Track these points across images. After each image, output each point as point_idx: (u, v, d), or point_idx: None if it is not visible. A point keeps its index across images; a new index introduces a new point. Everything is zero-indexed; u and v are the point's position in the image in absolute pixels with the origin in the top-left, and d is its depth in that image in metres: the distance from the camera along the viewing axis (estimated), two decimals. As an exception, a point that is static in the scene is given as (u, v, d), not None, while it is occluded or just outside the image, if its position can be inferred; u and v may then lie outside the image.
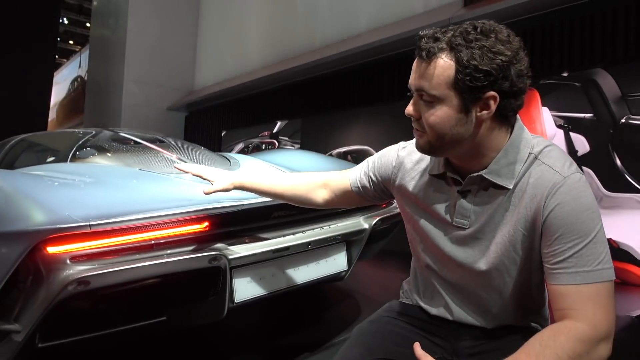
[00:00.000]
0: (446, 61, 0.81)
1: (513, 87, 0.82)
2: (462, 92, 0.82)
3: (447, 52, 0.82)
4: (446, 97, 0.83)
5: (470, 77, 0.80)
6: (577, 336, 0.76)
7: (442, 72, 0.82)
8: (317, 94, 5.66)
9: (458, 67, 0.80)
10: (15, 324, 1.31)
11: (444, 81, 0.82)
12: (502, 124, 0.89)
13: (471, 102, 0.83)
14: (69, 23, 17.30)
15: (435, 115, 0.85)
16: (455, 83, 0.81)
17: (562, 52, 3.31)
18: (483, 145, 0.89)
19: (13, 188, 1.43)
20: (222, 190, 1.28)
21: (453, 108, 0.84)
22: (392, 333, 1.05)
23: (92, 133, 2.62)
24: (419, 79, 0.85)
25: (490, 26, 0.83)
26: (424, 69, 0.84)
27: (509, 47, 0.81)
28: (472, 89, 0.81)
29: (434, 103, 0.85)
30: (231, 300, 1.51)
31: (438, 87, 0.83)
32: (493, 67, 0.80)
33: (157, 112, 8.38)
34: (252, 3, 7.29)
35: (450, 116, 0.84)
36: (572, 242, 0.82)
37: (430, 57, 0.83)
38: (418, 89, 0.86)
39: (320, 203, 1.25)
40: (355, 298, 2.57)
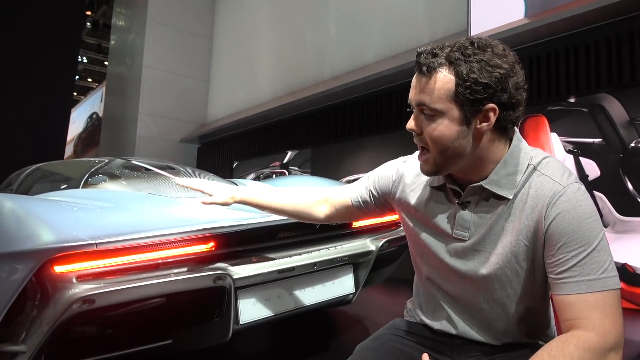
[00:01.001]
0: (446, 75, 0.84)
1: (511, 99, 0.84)
2: (463, 105, 0.84)
3: (446, 66, 0.84)
4: (447, 110, 0.85)
5: (470, 90, 0.82)
6: (586, 345, 0.75)
7: (443, 86, 0.84)
8: (326, 124, 5.73)
9: (458, 80, 0.83)
10: (21, 345, 1.31)
11: (444, 95, 0.84)
12: (501, 135, 0.90)
13: (472, 114, 0.85)
14: (87, 61, 17.87)
15: (437, 129, 0.86)
16: (456, 96, 0.83)
17: (568, 78, 3.33)
18: (483, 157, 0.90)
19: (24, 210, 1.46)
20: (221, 203, 1.29)
21: (454, 121, 0.85)
22: (395, 349, 1.04)
23: (104, 161, 2.67)
24: (420, 93, 0.87)
25: (486, 41, 0.85)
26: (424, 84, 0.86)
27: (505, 61, 0.84)
28: (472, 101, 0.83)
29: (435, 117, 0.86)
30: (236, 321, 1.50)
31: (439, 100, 0.85)
32: (492, 80, 0.82)
33: (170, 144, 8.54)
34: (263, 37, 7.50)
35: (452, 129, 0.86)
36: (575, 251, 0.82)
37: (430, 72, 0.85)
38: (419, 104, 0.88)
39: (321, 218, 1.25)
40: (364, 324, 2.52)
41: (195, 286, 1.37)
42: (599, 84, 3.14)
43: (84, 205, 1.64)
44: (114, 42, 10.42)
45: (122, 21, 9.99)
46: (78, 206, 1.61)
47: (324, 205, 1.25)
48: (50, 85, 7.45)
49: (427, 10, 4.69)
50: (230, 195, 1.30)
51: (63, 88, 7.85)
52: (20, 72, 7.02)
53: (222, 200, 1.29)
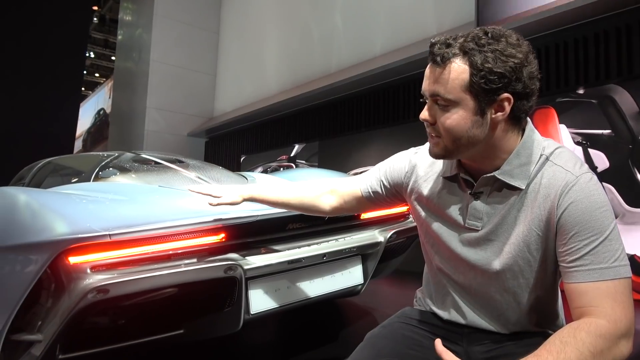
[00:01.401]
0: (460, 65, 0.84)
1: (525, 89, 0.85)
2: (477, 95, 0.84)
3: (460, 56, 0.84)
4: (462, 100, 0.85)
5: (485, 80, 0.82)
6: (597, 332, 0.75)
7: (457, 76, 0.84)
8: (333, 117, 5.73)
9: (473, 70, 0.83)
10: (37, 334, 1.34)
11: (459, 85, 0.84)
12: (514, 126, 0.90)
13: (486, 104, 0.85)
14: (95, 57, 17.95)
15: (451, 118, 0.87)
16: (471, 86, 0.84)
17: (577, 69, 3.30)
18: (497, 147, 0.90)
19: (38, 203, 1.49)
20: (230, 203, 1.33)
21: (469, 111, 0.85)
22: (404, 337, 1.05)
23: (114, 155, 2.70)
24: (434, 83, 0.87)
25: (500, 31, 0.85)
26: (438, 74, 0.86)
27: (519, 50, 0.84)
28: (487, 91, 0.83)
29: (450, 107, 0.86)
30: (247, 311, 1.52)
31: (453, 90, 0.85)
32: (506, 70, 0.82)
33: (178, 138, 8.58)
34: (270, 30, 7.50)
35: (466, 119, 0.86)
36: (587, 240, 0.82)
37: (444, 62, 0.85)
38: (433, 94, 0.88)
39: (328, 210, 1.26)
40: (372, 315, 2.54)
41: (207, 276, 1.39)
42: (608, 75, 3.12)
43: (96, 197, 1.67)
44: (121, 37, 10.45)
45: (129, 16, 10.01)
46: (91, 199, 1.63)
47: (332, 197, 1.25)
48: (59, 80, 7.52)
49: (434, 2, 4.66)
50: (239, 194, 1.33)
51: (72, 83, 7.93)
52: (29, 68, 7.10)
53: (229, 201, 1.33)
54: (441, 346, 0.81)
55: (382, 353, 0.99)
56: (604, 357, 0.74)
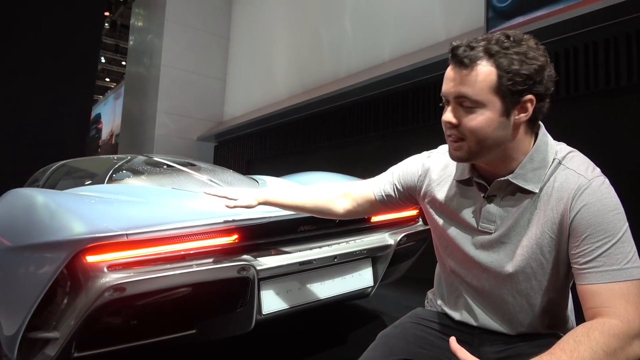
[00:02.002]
0: (487, 67, 0.86)
1: (546, 91, 0.88)
2: (504, 97, 0.86)
3: (486, 59, 0.86)
4: (489, 101, 0.87)
5: (512, 82, 0.85)
6: (611, 332, 0.76)
7: (485, 78, 0.86)
8: (343, 122, 5.75)
9: (500, 72, 0.85)
10: (54, 332, 1.36)
11: (487, 86, 0.86)
12: (531, 128, 0.93)
13: (512, 105, 0.87)
14: (106, 62, 18.14)
15: (477, 120, 0.88)
16: (498, 88, 0.85)
17: (587, 74, 3.30)
18: (514, 150, 0.92)
19: (56, 204, 1.52)
20: (245, 206, 1.36)
21: (495, 112, 0.87)
22: (416, 337, 1.06)
23: (127, 158, 2.74)
24: (460, 85, 0.88)
25: (520, 35, 0.88)
26: (464, 76, 0.87)
27: (539, 54, 0.87)
28: (514, 93, 0.85)
29: (476, 108, 0.88)
30: (259, 312, 1.54)
31: (482, 92, 0.86)
32: (531, 72, 0.85)
33: (187, 142, 8.65)
34: (279, 35, 7.55)
35: (493, 120, 0.87)
36: (600, 242, 0.83)
37: (471, 64, 0.86)
38: (459, 96, 0.89)
39: (342, 213, 1.28)
40: (381, 318, 2.55)
41: (221, 276, 1.41)
42: (618, 80, 3.11)
43: (111, 199, 1.70)
44: (133, 42, 10.57)
45: (141, 22, 10.13)
46: (106, 200, 1.67)
47: (345, 201, 1.27)
48: (72, 85, 7.61)
49: (443, 8, 4.67)
50: (254, 197, 1.36)
51: (84, 88, 8.02)
52: (43, 73, 7.20)
53: (245, 204, 1.36)
54: (456, 343, 0.83)
55: (394, 352, 1.00)
56: (618, 356, 0.75)
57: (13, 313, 1.40)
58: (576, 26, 3.27)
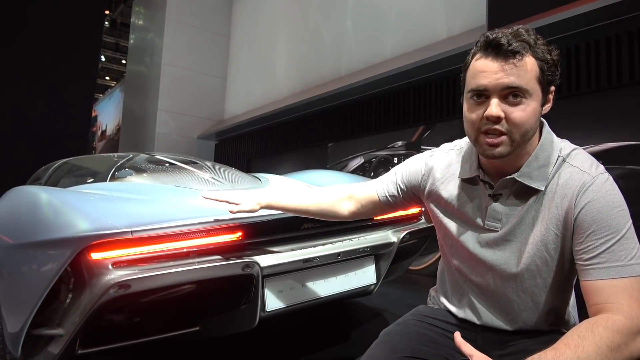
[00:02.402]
0: (531, 58, 0.86)
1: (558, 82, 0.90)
2: (544, 86, 0.88)
3: (528, 49, 0.86)
4: (534, 91, 0.87)
5: (551, 72, 0.87)
6: (615, 327, 0.77)
7: (532, 68, 0.86)
8: (344, 120, 5.75)
9: (540, 62, 0.86)
10: (59, 329, 1.37)
11: (534, 76, 0.86)
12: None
13: (546, 95, 0.89)
14: (106, 60, 18.13)
15: (526, 111, 0.86)
16: (541, 77, 0.87)
17: (588, 72, 3.30)
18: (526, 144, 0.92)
19: (60, 201, 1.52)
20: (248, 210, 1.35)
21: (538, 102, 0.88)
22: (418, 334, 1.07)
23: (129, 156, 2.75)
24: (509, 76, 0.85)
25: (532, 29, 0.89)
26: (512, 67, 0.85)
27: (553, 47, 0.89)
28: (549, 82, 0.88)
29: (523, 99, 0.86)
30: (263, 309, 1.54)
31: (530, 82, 0.86)
32: (557, 60, 0.88)
33: (188, 140, 8.65)
34: (280, 34, 7.55)
35: (536, 110, 0.88)
36: (604, 238, 0.84)
37: (519, 55, 0.85)
38: (508, 87, 0.85)
39: (346, 215, 1.28)
40: (383, 316, 2.56)
41: (225, 273, 1.41)
42: (620, 79, 3.11)
43: (115, 196, 1.71)
44: (133, 40, 10.57)
45: (141, 20, 10.13)
46: (110, 197, 1.67)
47: (349, 203, 1.27)
48: (73, 83, 7.63)
49: (444, 6, 4.67)
50: (256, 201, 1.36)
51: (85, 86, 8.03)
52: (43, 71, 7.21)
53: (248, 208, 1.35)
54: (460, 338, 0.83)
55: (397, 349, 1.01)
56: (621, 352, 0.75)
57: (17, 310, 1.41)
58: (578, 24, 3.27)
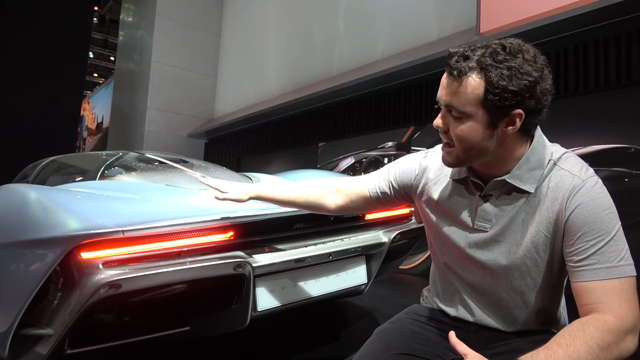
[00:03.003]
0: (476, 80, 0.86)
1: (538, 105, 0.87)
2: (490, 110, 0.87)
3: (477, 71, 0.86)
4: (475, 113, 0.88)
5: (499, 97, 0.84)
6: (605, 327, 0.78)
7: (473, 91, 0.86)
8: (334, 120, 5.76)
9: (488, 86, 0.85)
10: (47, 329, 1.35)
11: (473, 99, 0.86)
12: (524, 136, 0.94)
13: (498, 118, 0.87)
14: (94, 57, 17.94)
15: (463, 129, 0.90)
16: (484, 101, 0.86)
17: (577, 75, 3.35)
18: (507, 156, 0.94)
19: (49, 200, 1.51)
20: (235, 199, 1.35)
21: (481, 124, 0.88)
22: (413, 332, 1.08)
23: (118, 154, 2.72)
24: (449, 95, 0.90)
25: (518, 45, 0.87)
26: (455, 87, 0.88)
27: (535, 68, 0.85)
28: (500, 107, 0.86)
29: (463, 119, 0.89)
30: (254, 308, 1.54)
31: (467, 104, 0.87)
32: (521, 88, 0.84)
33: (178, 139, 8.60)
34: (271, 33, 7.53)
35: (478, 131, 0.89)
36: (594, 240, 0.85)
37: (460, 76, 0.87)
38: (447, 105, 0.91)
39: (333, 208, 1.28)
40: (374, 316, 2.57)
41: (217, 273, 1.41)
42: (607, 82, 3.16)
43: (104, 195, 1.69)
44: (122, 37, 10.48)
45: (131, 17, 10.04)
46: (100, 196, 1.65)
47: (337, 196, 1.27)
48: (61, 80, 7.57)
49: (436, 7, 4.70)
50: (245, 192, 1.35)
51: (74, 83, 7.96)
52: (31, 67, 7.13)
53: (236, 197, 1.35)
54: (455, 338, 0.85)
55: (392, 346, 1.02)
56: (612, 351, 0.77)
57: (5, 309, 1.39)
58: (568, 27, 3.31)
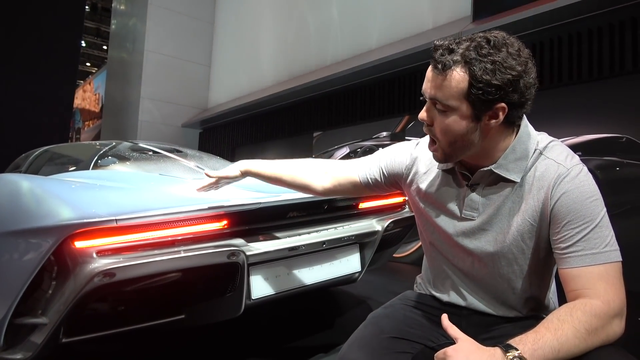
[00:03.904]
0: (460, 74, 0.86)
1: (521, 98, 0.88)
2: (474, 104, 0.87)
3: (461, 65, 0.86)
4: (459, 107, 0.89)
5: (482, 91, 0.85)
6: (592, 311, 0.80)
7: (457, 85, 0.87)
8: (329, 109, 5.75)
9: (472, 80, 0.86)
10: (42, 318, 1.36)
11: (457, 93, 0.87)
12: (508, 127, 0.94)
13: (481, 112, 0.88)
14: (86, 45, 17.75)
15: (447, 123, 0.91)
16: (468, 95, 0.87)
17: (570, 64, 3.35)
18: (492, 147, 0.95)
19: (42, 189, 1.50)
20: (229, 177, 1.35)
21: (465, 117, 0.89)
22: (405, 317, 1.10)
23: (112, 144, 2.71)
24: (434, 89, 0.90)
25: (502, 39, 0.88)
26: (439, 81, 0.89)
27: (519, 61, 0.86)
28: (484, 101, 0.86)
29: (447, 112, 0.90)
30: (248, 296, 1.55)
31: (452, 98, 0.88)
32: (504, 82, 0.85)
33: (172, 128, 8.57)
34: (265, 22, 7.48)
35: (462, 124, 0.90)
36: (579, 227, 0.87)
37: (445, 70, 0.88)
38: (432, 98, 0.92)
39: (320, 191, 1.27)
40: (367, 304, 2.59)
41: (210, 262, 1.42)
42: (601, 71, 3.17)
43: (98, 185, 1.69)
44: (115, 26, 10.36)
45: (123, 5, 9.92)
46: (93, 186, 1.65)
47: (325, 179, 1.26)
48: (54, 69, 7.47)
49: (430, -4, 4.68)
50: (238, 168, 1.36)
51: (66, 72, 7.87)
52: (23, 57, 7.04)
53: (228, 174, 1.35)
54: (447, 320, 0.87)
55: (385, 330, 1.03)
56: (599, 334, 0.79)
57: (-1, 299, 1.39)
58: (562, 16, 3.32)
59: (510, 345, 0.77)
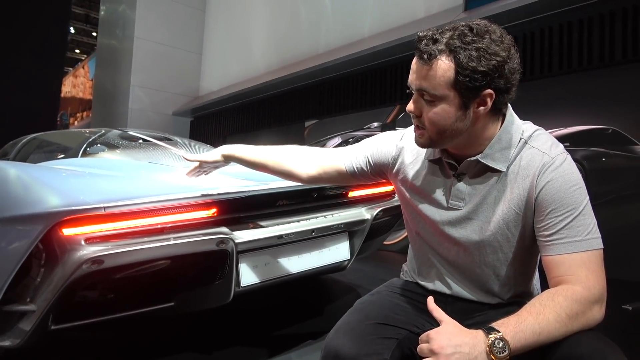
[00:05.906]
0: (446, 63, 0.87)
1: (507, 84, 0.89)
2: (462, 92, 0.88)
3: (446, 53, 0.87)
4: (446, 96, 0.89)
5: (469, 78, 0.86)
6: (573, 297, 0.82)
7: (443, 74, 0.88)
8: (321, 98, 5.73)
9: (458, 68, 0.86)
10: (31, 305, 1.36)
11: (444, 82, 0.88)
12: (495, 115, 0.96)
13: (469, 99, 0.89)
14: (75, 32, 17.49)
15: (436, 112, 0.91)
16: (455, 83, 0.88)
17: (561, 54, 3.37)
18: (478, 136, 0.96)
19: (30, 176, 1.50)
20: (208, 161, 1.38)
21: (453, 106, 0.90)
22: (391, 303, 1.11)
23: (101, 132, 2.69)
24: (420, 79, 0.91)
25: (485, 26, 0.89)
26: (425, 71, 0.90)
27: (503, 47, 0.88)
28: (471, 88, 0.87)
29: (435, 102, 0.91)
30: (237, 284, 1.56)
31: (439, 87, 0.89)
32: (490, 68, 0.86)
33: (162, 117, 8.49)
34: (257, 10, 7.41)
35: (450, 113, 0.91)
36: (562, 216, 0.89)
37: (430, 60, 0.88)
38: (419, 89, 0.92)
39: (304, 178, 1.27)
40: (357, 292, 2.62)
41: (200, 249, 1.42)
42: (590, 61, 3.19)
43: (86, 172, 1.68)
44: (104, 12, 10.20)
45: (112, -9, 9.76)
46: (82, 173, 1.65)
47: (310, 166, 1.26)
48: (41, 56, 7.36)
49: (423, -16, 4.66)
50: (220, 152, 1.37)
51: (54, 59, 7.76)
52: (10, 42, 6.92)
53: (209, 158, 1.37)
54: (433, 303, 0.90)
55: (371, 316, 1.05)
56: (579, 319, 0.81)
57: (-13, 286, 1.39)
58: (553, 6, 3.32)
59: (493, 327, 0.79)
